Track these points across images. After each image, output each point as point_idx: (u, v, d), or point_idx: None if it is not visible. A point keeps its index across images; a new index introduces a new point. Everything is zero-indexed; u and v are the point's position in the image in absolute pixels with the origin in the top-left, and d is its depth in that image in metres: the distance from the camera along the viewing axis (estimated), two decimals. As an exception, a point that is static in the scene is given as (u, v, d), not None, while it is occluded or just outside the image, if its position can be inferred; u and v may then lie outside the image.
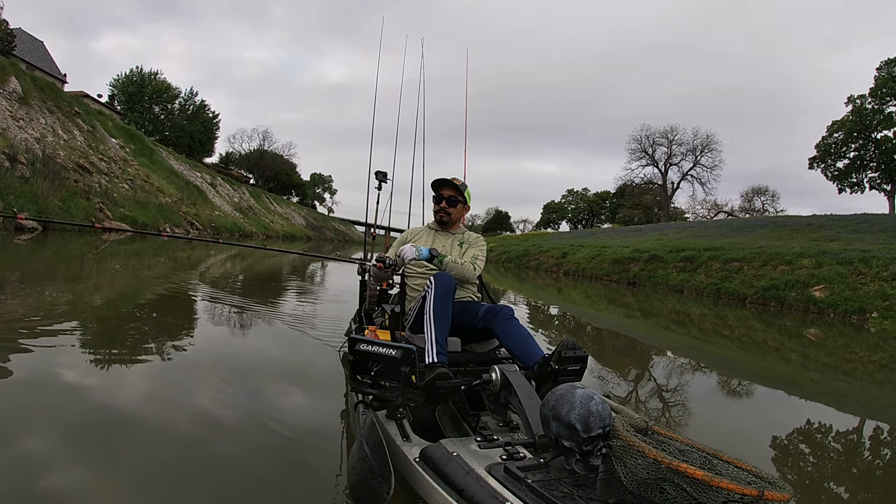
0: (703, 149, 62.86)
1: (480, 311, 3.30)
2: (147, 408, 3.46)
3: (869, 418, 6.40)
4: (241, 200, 44.94)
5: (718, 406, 6.14)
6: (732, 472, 1.66)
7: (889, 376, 9.64)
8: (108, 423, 3.15)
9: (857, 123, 46.16)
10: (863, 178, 48.00)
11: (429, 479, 1.98)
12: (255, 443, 3.13)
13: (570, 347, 2.60)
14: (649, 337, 11.97)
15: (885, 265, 21.63)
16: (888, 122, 44.88)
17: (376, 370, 2.41)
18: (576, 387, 1.93)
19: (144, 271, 10.03)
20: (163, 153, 36.71)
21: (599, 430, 1.79)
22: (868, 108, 45.74)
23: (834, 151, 48.63)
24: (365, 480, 2.08)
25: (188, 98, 59.01)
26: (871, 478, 4.35)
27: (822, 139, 49.30)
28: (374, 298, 4.95)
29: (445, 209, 3.61)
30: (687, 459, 1.66)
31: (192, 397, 3.78)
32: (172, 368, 4.46)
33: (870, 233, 29.98)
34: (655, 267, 30.49)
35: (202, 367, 4.63)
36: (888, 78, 44.20)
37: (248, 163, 72.10)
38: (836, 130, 48.11)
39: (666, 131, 64.08)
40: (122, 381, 3.96)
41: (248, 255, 18.83)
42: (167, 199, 26.06)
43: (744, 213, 60.76)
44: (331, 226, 77.08)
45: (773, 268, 25.00)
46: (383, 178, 5.50)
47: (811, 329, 16.01)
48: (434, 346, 2.85)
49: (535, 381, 2.64)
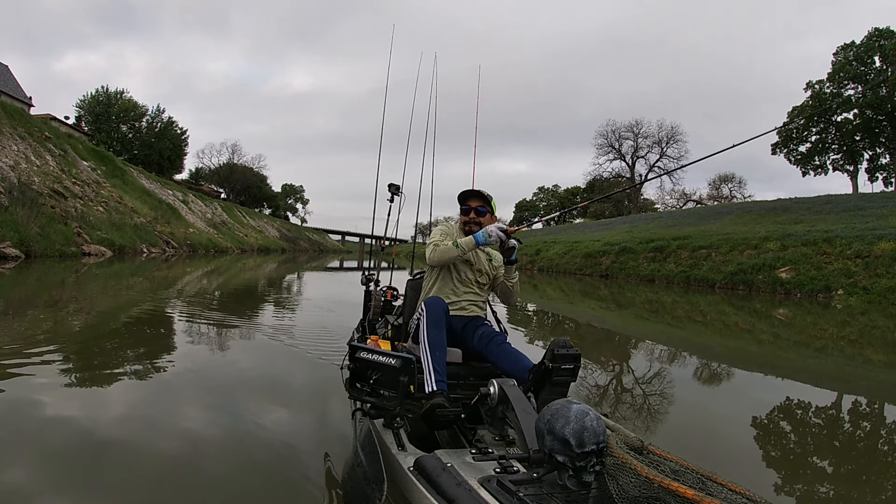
0: (669, 140, 63.87)
1: (478, 334, 3.26)
2: (129, 430, 3.41)
3: (846, 393, 6.54)
4: (213, 216, 44.39)
5: (697, 390, 6.21)
6: (726, 495, 1.64)
7: (859, 350, 9.90)
8: (91, 447, 3.10)
9: (816, 108, 46.94)
10: (825, 161, 49.10)
11: (421, 489, 1.98)
12: (241, 455, 3.11)
13: (563, 346, 2.56)
14: (625, 328, 12.15)
15: (849, 244, 22.17)
16: (847, 104, 45.93)
17: (375, 378, 2.41)
18: (572, 402, 1.91)
19: (123, 292, 9.92)
20: (133, 173, 36.18)
21: (593, 445, 1.78)
22: (826, 92, 46.83)
23: (796, 136, 49.69)
24: (358, 486, 2.09)
25: (155, 115, 58.11)
26: (852, 450, 4.43)
27: (784, 124, 50.02)
28: (378, 309, 4.88)
29: (475, 220, 3.46)
30: (679, 479, 1.66)
31: (174, 417, 3.74)
32: (152, 389, 4.42)
33: (833, 213, 30.61)
34: (626, 259, 30.88)
35: (182, 385, 4.59)
36: (845, 62, 45.36)
37: (219, 177, 71.06)
38: (796, 116, 48.80)
39: (631, 125, 65.24)
40: (103, 405, 3.90)
41: (225, 270, 18.66)
42: (141, 219, 25.71)
43: (712, 200, 61.88)
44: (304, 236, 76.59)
45: (740, 252, 25.48)
46: (396, 190, 5.39)
47: (780, 309, 16.37)
48: (432, 375, 2.79)
49: (533, 387, 2.62)
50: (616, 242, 34.02)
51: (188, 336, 6.75)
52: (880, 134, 44.48)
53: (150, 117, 58.39)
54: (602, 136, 65.72)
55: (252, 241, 45.13)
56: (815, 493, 3.40)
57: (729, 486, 1.70)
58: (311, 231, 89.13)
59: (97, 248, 17.63)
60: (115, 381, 4.55)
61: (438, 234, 3.47)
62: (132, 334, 6.88)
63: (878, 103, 42.49)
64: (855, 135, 45.66)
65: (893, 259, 19.94)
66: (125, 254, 17.60)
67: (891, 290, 18.43)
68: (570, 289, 23.15)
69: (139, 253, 18.95)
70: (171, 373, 4.91)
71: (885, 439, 4.79)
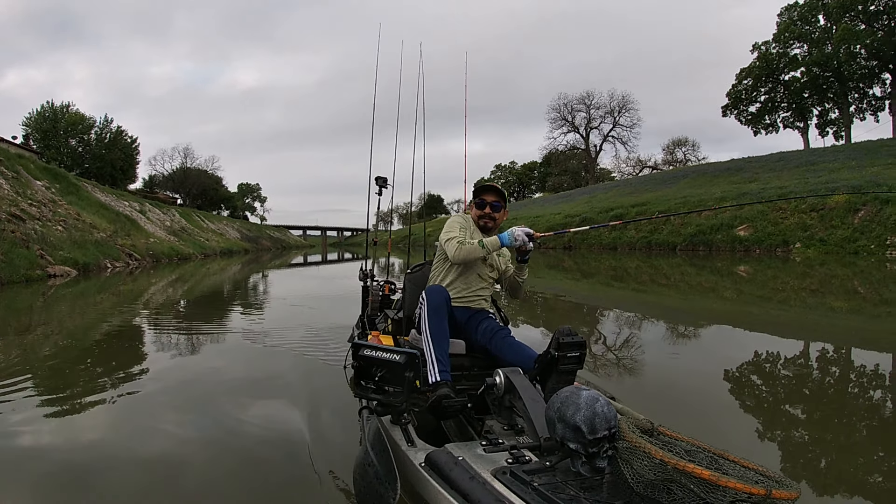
0: (621, 109, 63.50)
1: (482, 327, 3.23)
2: (110, 449, 3.24)
3: (812, 340, 6.59)
4: (173, 223, 43.25)
5: (667, 352, 6.11)
6: (739, 472, 1.61)
7: (821, 300, 10.02)
8: (73, 471, 2.93)
9: (764, 69, 48.30)
10: (776, 119, 50.41)
11: (434, 485, 1.95)
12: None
13: (567, 334, 2.52)
14: (594, 296, 12.07)
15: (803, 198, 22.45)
16: (794, 63, 47.11)
17: (380, 375, 2.38)
18: (580, 388, 1.89)
19: (90, 310, 9.51)
20: (88, 188, 34.88)
21: (605, 431, 1.76)
22: (773, 52, 47.97)
23: (745, 97, 50.74)
24: (370, 486, 2.05)
25: (104, 126, 56.12)
26: (823, 396, 4.43)
27: (733, 87, 51.40)
28: (377, 304, 4.88)
29: (490, 215, 3.40)
30: (693, 460, 1.61)
31: (157, 431, 3.55)
32: (130, 406, 4.14)
33: (786, 170, 31.21)
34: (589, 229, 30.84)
35: (170, 398, 4.33)
36: (790, 22, 46.28)
37: (173, 183, 69.19)
38: (744, 77, 50.21)
39: (583, 97, 64.61)
40: (81, 427, 3.70)
41: (189, 277, 18.31)
42: (102, 234, 24.77)
43: (667, 165, 62.12)
44: (266, 234, 75.14)
45: (697, 214, 25.57)
46: (384, 183, 5.44)
47: (741, 266, 16.53)
48: (435, 365, 2.77)
49: (539, 376, 2.61)
50: (577, 214, 34.19)
51: (163, 349, 6.29)
52: (828, 90, 45.58)
53: (99, 128, 56.44)
54: (555, 110, 65.88)
55: (214, 245, 44.14)
56: (793, 437, 3.44)
57: (741, 463, 1.67)
58: (272, 229, 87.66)
59: (62, 269, 17.00)
60: (92, 401, 4.23)
61: (458, 229, 3.35)
62: (104, 349, 6.50)
63: (824, 60, 43.31)
64: (803, 92, 46.71)
65: (847, 210, 20.39)
66: (90, 271, 17.11)
67: (847, 240, 18.79)
68: (535, 262, 23.02)
69: (103, 269, 18.42)
70: (152, 387, 4.60)
71: (855, 382, 4.85)
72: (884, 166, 25.88)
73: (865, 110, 45.23)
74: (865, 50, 41.20)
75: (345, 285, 13.43)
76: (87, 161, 54.31)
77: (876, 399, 4.31)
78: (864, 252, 18.43)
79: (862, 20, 41.60)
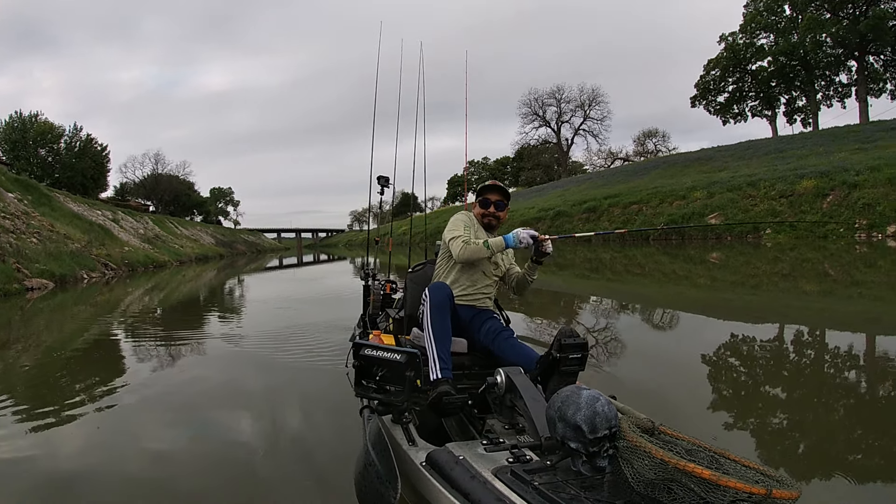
0: (591, 102, 63.84)
1: (485, 328, 3.22)
2: (95, 462, 3.20)
3: (787, 324, 6.55)
4: (146, 231, 42.55)
5: (643, 340, 6.08)
6: (740, 471, 1.60)
7: (793, 284, 10.03)
8: (55, 485, 2.89)
9: (731, 59, 48.82)
10: (744, 108, 51.03)
11: (435, 484, 1.95)
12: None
13: (569, 335, 2.50)
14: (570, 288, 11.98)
15: (772, 185, 22.83)
16: (761, 53, 47.69)
17: (381, 375, 2.40)
18: (581, 388, 1.88)
19: (68, 323, 9.26)
20: (60, 198, 34.22)
21: (606, 430, 1.76)
22: (740, 43, 48.49)
23: (713, 88, 51.31)
24: (371, 485, 2.04)
25: (73, 134, 55.22)
26: (800, 376, 4.47)
27: (701, 77, 51.90)
28: (378, 303, 4.89)
29: (495, 214, 3.42)
30: (694, 459, 1.60)
31: (141, 441, 3.50)
32: (114, 418, 4.03)
33: (755, 158, 31.57)
34: (562, 222, 31.04)
35: (144, 408, 4.24)
36: (756, 13, 46.82)
37: (145, 190, 68.03)
38: (712, 68, 50.75)
39: (553, 91, 64.98)
40: (64, 443, 3.58)
41: (164, 285, 18.10)
42: (76, 244, 24.27)
43: (638, 156, 62.33)
44: (240, 238, 74.31)
45: (669, 204, 26.00)
46: (385, 183, 5.44)
47: (713, 253, 16.61)
48: (437, 363, 2.79)
49: (540, 377, 2.58)
50: (550, 207, 34.28)
51: (144, 359, 6.08)
52: (795, 78, 46.17)
53: (69, 137, 55.42)
54: (526, 105, 66.11)
55: (189, 252, 43.51)
56: (774, 416, 3.55)
57: (742, 463, 1.66)
58: (246, 233, 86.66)
59: (39, 282, 16.65)
60: (74, 415, 4.10)
61: (462, 228, 3.34)
62: (84, 362, 6.30)
63: (790, 50, 43.88)
64: (770, 81, 47.32)
65: (816, 195, 20.63)
66: (67, 283, 16.83)
67: (816, 225, 18.91)
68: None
69: (80, 280, 18.12)
70: (129, 399, 4.48)
71: (830, 363, 4.87)
72: (851, 151, 26.18)
73: (832, 97, 45.83)
74: (831, 38, 41.67)
75: (324, 287, 13.55)
76: (57, 171, 53.45)
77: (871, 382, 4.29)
78: (834, 236, 18.63)
79: (827, 9, 42.12)
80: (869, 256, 13.85)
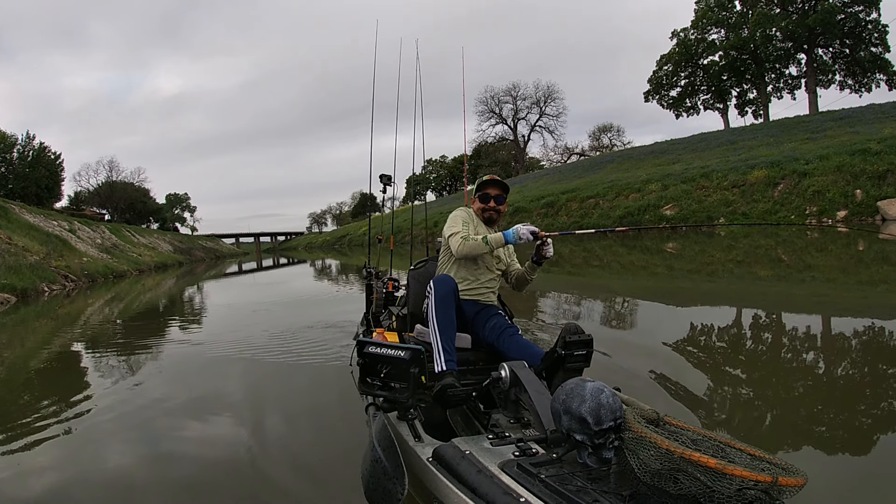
0: (547, 99, 64.91)
1: (489, 325, 3.22)
2: (67, 484, 2.99)
3: (745, 307, 6.62)
4: (104, 240, 41.41)
5: (604, 329, 6.17)
6: (745, 460, 1.63)
7: (747, 270, 10.13)
8: None
9: (683, 54, 49.55)
10: (696, 102, 51.79)
11: (442, 479, 1.97)
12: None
13: (574, 332, 2.54)
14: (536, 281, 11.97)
15: (724, 175, 23.22)
16: (712, 48, 48.52)
17: (386, 372, 2.42)
18: (586, 380, 1.89)
19: (30, 337, 8.85)
20: (15, 209, 33.15)
21: (611, 422, 1.78)
22: (692, 38, 49.25)
23: (666, 82, 52.03)
24: (379, 482, 2.03)
25: (26, 143, 53.75)
26: (758, 359, 4.51)
27: (654, 73, 52.69)
28: (381, 301, 4.90)
29: (496, 208, 3.47)
30: (699, 448, 1.62)
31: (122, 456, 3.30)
32: (82, 437, 3.74)
33: (708, 150, 32.16)
34: (521, 218, 30.90)
35: (114, 424, 3.92)
36: (707, 9, 47.61)
37: (100, 198, 66.35)
38: (665, 63, 51.55)
39: (509, 89, 65.84)
40: (30, 462, 3.32)
41: (125, 295, 17.63)
42: (35, 256, 23.59)
43: (594, 151, 63.57)
44: (198, 245, 72.85)
45: (625, 197, 26.21)
46: (388, 181, 5.46)
47: (669, 244, 16.72)
48: (442, 355, 2.80)
49: (545, 373, 2.63)
50: (509, 203, 33.97)
51: (107, 373, 5.75)
52: (745, 72, 47.08)
53: (21, 146, 53.97)
54: (482, 103, 66.51)
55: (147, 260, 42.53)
56: (739, 394, 3.72)
57: (748, 451, 1.68)
58: (204, 239, 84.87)
59: (1, 296, 16.06)
60: (41, 437, 3.75)
61: (461, 223, 3.35)
62: (49, 378, 5.97)
63: (741, 44, 44.80)
64: (722, 75, 48.15)
65: (767, 184, 21.01)
66: (28, 297, 16.23)
67: (768, 213, 19.31)
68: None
69: (41, 293, 17.55)
70: (97, 412, 4.21)
71: (788, 346, 4.93)
72: (800, 141, 26.81)
73: (782, 89, 46.84)
74: (781, 32, 42.63)
75: (286, 290, 13.39)
76: (10, 182, 51.94)
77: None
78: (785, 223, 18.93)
79: (777, 4, 43.12)
80: (819, 241, 14.10)
